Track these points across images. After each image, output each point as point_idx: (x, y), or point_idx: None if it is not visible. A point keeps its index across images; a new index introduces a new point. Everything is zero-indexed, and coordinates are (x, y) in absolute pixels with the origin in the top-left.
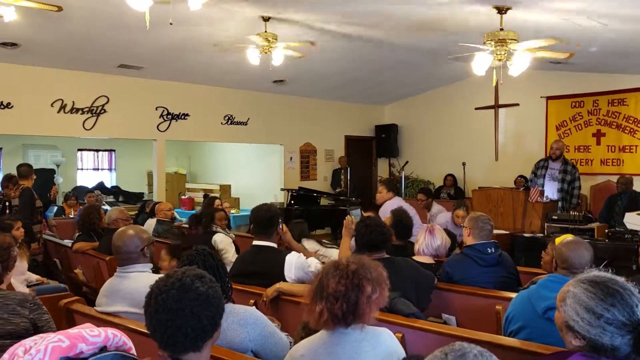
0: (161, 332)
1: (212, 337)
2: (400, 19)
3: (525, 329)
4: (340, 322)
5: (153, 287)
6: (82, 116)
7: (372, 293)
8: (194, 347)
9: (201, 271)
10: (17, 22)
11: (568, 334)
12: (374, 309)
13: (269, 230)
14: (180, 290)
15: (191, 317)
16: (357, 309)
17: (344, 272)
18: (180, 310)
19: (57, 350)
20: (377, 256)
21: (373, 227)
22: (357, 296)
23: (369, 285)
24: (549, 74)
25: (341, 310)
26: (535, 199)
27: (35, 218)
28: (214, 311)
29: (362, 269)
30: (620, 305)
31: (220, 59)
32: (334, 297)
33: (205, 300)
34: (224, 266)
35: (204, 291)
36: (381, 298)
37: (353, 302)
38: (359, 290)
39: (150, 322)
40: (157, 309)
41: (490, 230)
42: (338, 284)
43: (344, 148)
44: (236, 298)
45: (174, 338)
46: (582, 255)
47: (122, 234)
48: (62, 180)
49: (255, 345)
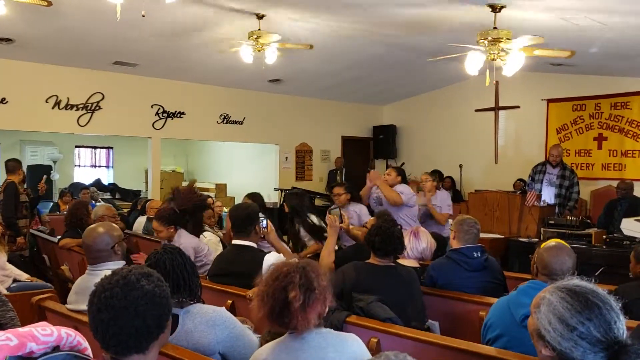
0: (103, 332)
1: (157, 338)
2: (395, 17)
3: (503, 337)
4: (272, 322)
5: (97, 285)
6: (77, 112)
7: (295, 300)
8: (137, 349)
9: (149, 269)
10: (11, 18)
11: (539, 342)
12: (309, 315)
13: (247, 228)
14: (125, 289)
15: (135, 316)
16: (284, 312)
17: (277, 273)
18: (123, 309)
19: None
20: (385, 262)
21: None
22: (283, 300)
23: (293, 291)
24: (550, 76)
25: (270, 312)
26: (532, 203)
27: (20, 212)
28: (160, 311)
29: (294, 273)
30: (597, 320)
31: (215, 57)
32: (264, 296)
33: (150, 299)
34: (193, 265)
35: (150, 289)
36: (315, 305)
37: (280, 306)
38: (284, 294)
39: (92, 322)
40: (99, 307)
41: (476, 234)
42: (266, 285)
43: (341, 148)
44: (214, 298)
45: (116, 338)
46: (564, 261)
47: (91, 231)
48: (58, 177)
49: (223, 347)
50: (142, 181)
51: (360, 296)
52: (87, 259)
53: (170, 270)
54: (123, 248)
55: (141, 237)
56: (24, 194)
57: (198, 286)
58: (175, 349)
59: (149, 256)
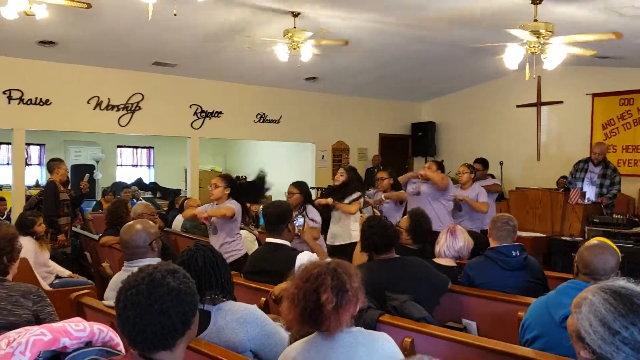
0: (129, 329)
1: (184, 335)
2: (432, 11)
3: (541, 338)
4: (304, 324)
5: (123, 282)
6: (118, 113)
7: (328, 301)
8: (163, 346)
9: (175, 266)
10: (53, 21)
11: (578, 343)
12: (342, 317)
13: (279, 227)
14: (150, 286)
15: (160, 313)
16: (316, 314)
17: (307, 274)
18: (149, 307)
19: (38, 343)
20: (385, 257)
21: (376, 228)
22: (315, 302)
23: (325, 294)
24: (595, 69)
25: (301, 314)
26: (576, 201)
27: (61, 210)
28: (186, 308)
29: (325, 274)
30: None
31: (252, 56)
32: (296, 298)
33: (176, 296)
34: (224, 262)
35: (175, 286)
36: (345, 307)
37: (311, 307)
38: (316, 296)
39: (119, 319)
40: (125, 304)
41: (511, 230)
42: (297, 287)
43: (378, 146)
44: (248, 295)
45: (142, 335)
46: (606, 259)
47: (129, 228)
48: (101, 176)
49: (254, 345)
50: (182, 180)
51: (394, 295)
52: (124, 255)
53: (203, 267)
54: (159, 245)
55: (180, 235)
56: (64, 193)
57: (230, 283)
58: (207, 346)
59: (181, 253)
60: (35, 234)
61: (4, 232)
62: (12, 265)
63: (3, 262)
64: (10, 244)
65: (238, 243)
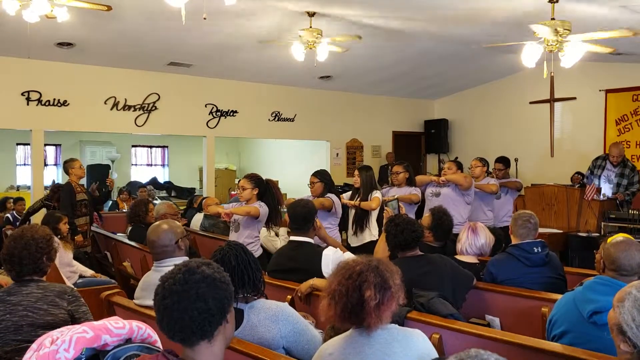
0: (167, 318)
1: (222, 324)
2: (446, 9)
3: (569, 334)
4: (345, 320)
5: (162, 277)
6: (134, 113)
7: (371, 298)
8: (202, 333)
9: (209, 260)
10: (71, 23)
11: (618, 337)
12: (383, 313)
13: (305, 225)
14: (186, 274)
15: (197, 299)
16: (358, 311)
17: (349, 272)
18: (185, 292)
19: (81, 341)
20: (410, 254)
21: (403, 225)
22: (358, 298)
23: (369, 289)
24: (608, 65)
25: (342, 310)
26: (591, 197)
27: (79, 210)
28: (222, 294)
29: (368, 272)
30: None
31: (267, 55)
32: (336, 295)
33: (211, 283)
34: (256, 261)
35: (210, 274)
36: (389, 303)
37: (353, 304)
38: (360, 293)
39: (157, 311)
40: (164, 294)
41: (532, 228)
42: (339, 284)
43: (392, 144)
44: (274, 293)
45: (180, 323)
46: (633, 256)
47: (156, 228)
48: (116, 176)
49: (287, 342)
50: (196, 179)
51: (421, 292)
52: (152, 254)
53: (236, 266)
54: (186, 244)
55: (198, 234)
56: (81, 193)
57: (262, 282)
58: (241, 343)
59: (214, 253)
60: (60, 232)
61: (43, 232)
62: (49, 265)
63: (43, 262)
64: (49, 244)
65: (255, 244)
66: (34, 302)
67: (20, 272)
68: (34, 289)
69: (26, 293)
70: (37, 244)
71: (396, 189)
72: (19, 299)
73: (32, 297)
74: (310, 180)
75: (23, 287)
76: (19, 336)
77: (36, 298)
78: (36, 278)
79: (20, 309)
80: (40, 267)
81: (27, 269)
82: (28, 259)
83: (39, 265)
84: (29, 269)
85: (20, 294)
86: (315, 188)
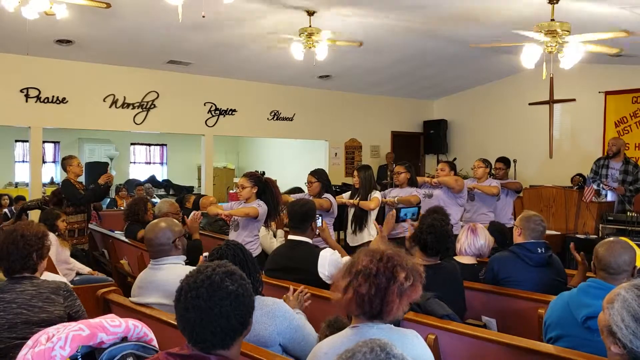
0: (190, 330)
1: (242, 334)
2: (446, 9)
3: (564, 338)
4: (365, 306)
5: (183, 283)
6: (133, 111)
7: (405, 281)
8: (222, 345)
9: (232, 267)
10: (70, 20)
11: (609, 338)
12: (404, 302)
13: (304, 225)
14: (210, 289)
15: (220, 316)
16: (386, 295)
17: (379, 254)
18: (209, 310)
19: (77, 338)
20: (432, 261)
21: (440, 234)
22: (388, 281)
23: (403, 272)
24: (607, 67)
25: (368, 293)
26: (590, 199)
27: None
28: (244, 310)
29: (398, 257)
30: None
31: (266, 54)
32: (363, 275)
33: (235, 299)
34: (254, 260)
35: (234, 290)
36: (414, 291)
37: (383, 287)
38: (392, 275)
39: (179, 319)
40: (186, 306)
41: (542, 231)
42: (370, 262)
43: (391, 144)
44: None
45: (202, 336)
46: (618, 255)
47: (153, 226)
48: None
49: (283, 339)
50: (195, 177)
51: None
52: (149, 252)
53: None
54: (184, 243)
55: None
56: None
57: (259, 282)
58: None
59: (211, 252)
60: (57, 230)
61: (35, 229)
62: (41, 262)
63: (33, 259)
64: (40, 242)
65: (255, 243)
66: (28, 300)
67: (9, 268)
68: (28, 286)
69: (20, 291)
70: (26, 241)
71: (398, 190)
72: (13, 297)
73: (26, 294)
74: (308, 179)
75: (17, 284)
76: (13, 334)
77: (30, 295)
78: (28, 275)
79: (15, 307)
80: (29, 264)
81: (15, 265)
82: (16, 254)
83: (27, 262)
84: (17, 265)
85: (14, 291)
86: (312, 187)
